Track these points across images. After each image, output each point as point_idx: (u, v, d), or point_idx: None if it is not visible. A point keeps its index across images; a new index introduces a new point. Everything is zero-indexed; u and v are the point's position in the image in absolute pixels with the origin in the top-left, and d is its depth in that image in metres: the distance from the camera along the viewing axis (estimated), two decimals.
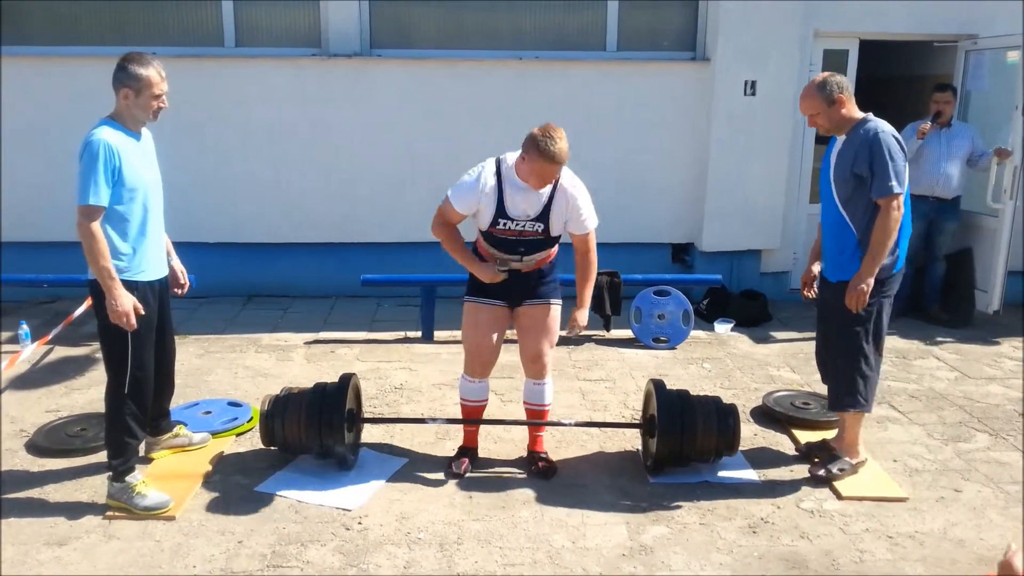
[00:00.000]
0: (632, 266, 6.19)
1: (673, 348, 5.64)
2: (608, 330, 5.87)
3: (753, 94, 6.48)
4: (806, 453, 4.03)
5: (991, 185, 6.11)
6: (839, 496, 3.66)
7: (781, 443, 4.22)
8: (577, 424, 4.15)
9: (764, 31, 6.35)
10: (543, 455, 3.91)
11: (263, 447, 3.81)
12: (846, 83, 3.55)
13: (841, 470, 3.78)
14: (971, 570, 3.13)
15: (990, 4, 6.41)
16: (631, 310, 5.74)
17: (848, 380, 3.68)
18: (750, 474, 3.84)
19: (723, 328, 5.99)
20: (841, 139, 3.61)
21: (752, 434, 4.28)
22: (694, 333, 5.83)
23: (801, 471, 3.88)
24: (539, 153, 3.30)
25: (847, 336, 3.65)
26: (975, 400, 4.80)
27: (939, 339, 5.94)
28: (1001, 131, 6.13)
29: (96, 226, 3.12)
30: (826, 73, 3.60)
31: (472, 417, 3.90)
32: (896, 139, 3.49)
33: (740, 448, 3.87)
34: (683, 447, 3.69)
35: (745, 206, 6.58)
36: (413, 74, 6.49)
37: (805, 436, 4.20)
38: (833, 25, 6.51)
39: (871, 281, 3.50)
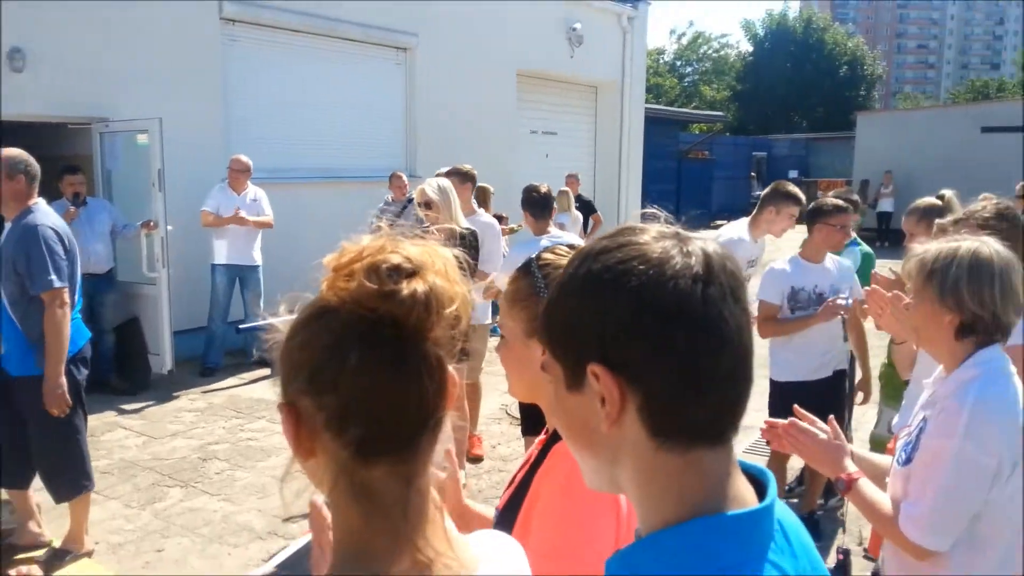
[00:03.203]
0: None
1: None
2: None
3: None
4: None
5: (144, 255, 6.57)
6: None
7: None
8: None
9: None
10: None
11: None
12: (34, 171, 3.54)
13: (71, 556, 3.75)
14: None
15: (117, 90, 6.85)
16: None
17: (74, 465, 3.69)
18: None
19: None
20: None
21: None
22: None
23: None
24: None
25: (61, 425, 3.57)
26: (163, 459, 5.11)
27: (123, 408, 6.09)
28: (144, 205, 6.63)
29: None
30: (19, 152, 3.53)
31: None
32: (55, 231, 3.52)
33: None
34: None
35: None
36: None
37: None
38: None
39: (63, 381, 3.47)
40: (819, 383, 3.96)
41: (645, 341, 0.74)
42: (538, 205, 4.53)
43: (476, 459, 5.17)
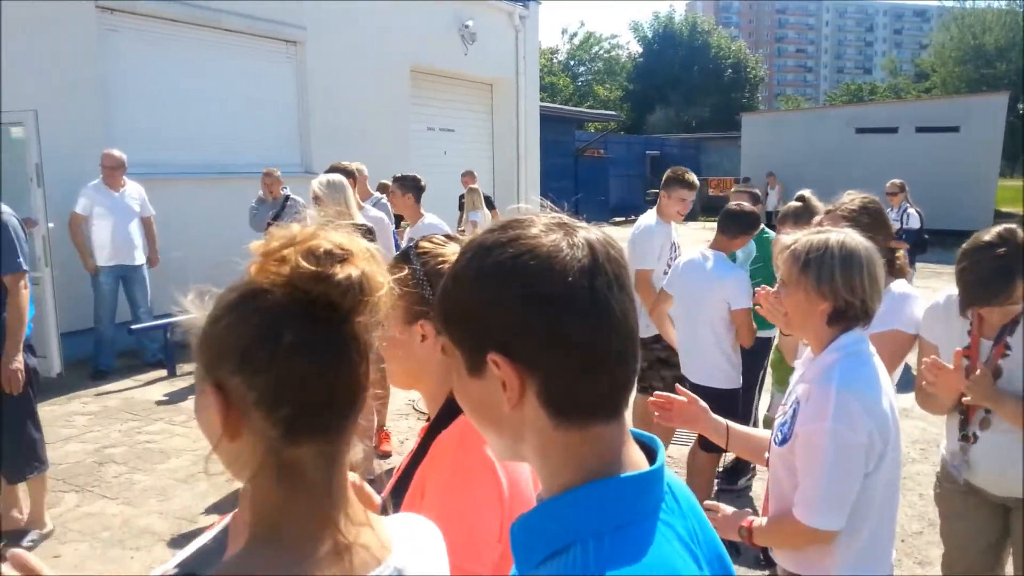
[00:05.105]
0: None
1: None
2: None
3: None
4: None
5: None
6: None
7: None
8: None
9: None
10: None
11: None
12: None
13: (33, 541, 3.85)
14: None
15: None
16: None
17: (31, 445, 3.84)
18: None
19: None
20: None
21: None
22: None
23: None
24: None
25: (19, 404, 3.74)
26: (57, 463, 4.87)
27: None
28: (19, 203, 6.26)
29: None
30: None
31: None
32: (17, 219, 3.77)
33: None
34: None
35: None
36: None
37: None
38: None
39: (20, 359, 3.67)
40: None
41: (540, 332, 0.78)
42: (422, 191, 5.42)
43: (384, 455, 5.18)
